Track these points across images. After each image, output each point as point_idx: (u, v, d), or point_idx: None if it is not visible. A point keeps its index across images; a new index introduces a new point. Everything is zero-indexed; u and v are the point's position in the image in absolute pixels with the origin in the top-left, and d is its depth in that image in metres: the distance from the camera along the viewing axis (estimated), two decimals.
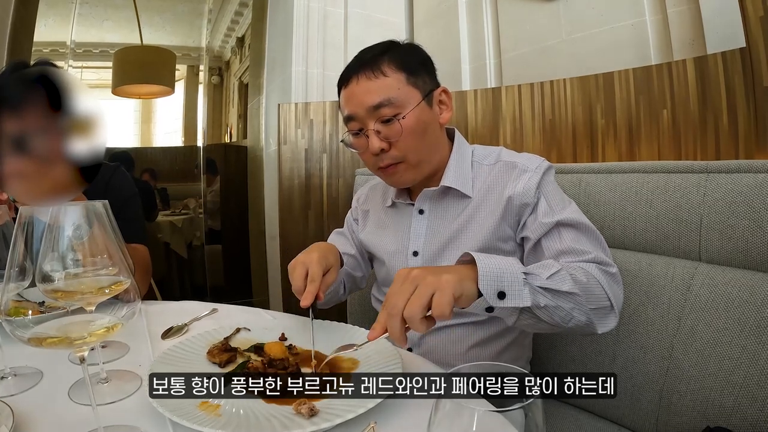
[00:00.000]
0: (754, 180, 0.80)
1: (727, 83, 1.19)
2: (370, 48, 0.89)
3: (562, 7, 1.72)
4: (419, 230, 0.94)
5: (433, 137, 0.89)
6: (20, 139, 0.82)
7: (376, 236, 1.02)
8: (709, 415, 0.81)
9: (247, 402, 0.58)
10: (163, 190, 2.90)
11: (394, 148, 0.85)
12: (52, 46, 2.60)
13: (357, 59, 0.89)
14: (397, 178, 0.89)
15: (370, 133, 0.85)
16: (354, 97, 0.86)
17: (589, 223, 0.82)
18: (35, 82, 0.81)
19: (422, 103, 0.86)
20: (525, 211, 0.85)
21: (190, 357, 0.71)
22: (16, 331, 0.46)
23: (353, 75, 0.87)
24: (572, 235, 0.81)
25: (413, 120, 0.84)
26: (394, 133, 0.84)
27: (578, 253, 0.79)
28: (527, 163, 0.87)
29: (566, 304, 0.67)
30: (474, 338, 0.90)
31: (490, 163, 0.91)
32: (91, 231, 0.49)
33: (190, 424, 0.51)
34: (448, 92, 0.91)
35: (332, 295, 1.03)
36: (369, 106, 0.84)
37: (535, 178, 0.84)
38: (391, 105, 0.83)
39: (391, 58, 0.86)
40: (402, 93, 0.84)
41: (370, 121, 0.85)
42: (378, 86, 0.84)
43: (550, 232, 0.82)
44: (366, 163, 0.92)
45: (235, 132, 3.08)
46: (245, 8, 2.95)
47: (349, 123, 0.89)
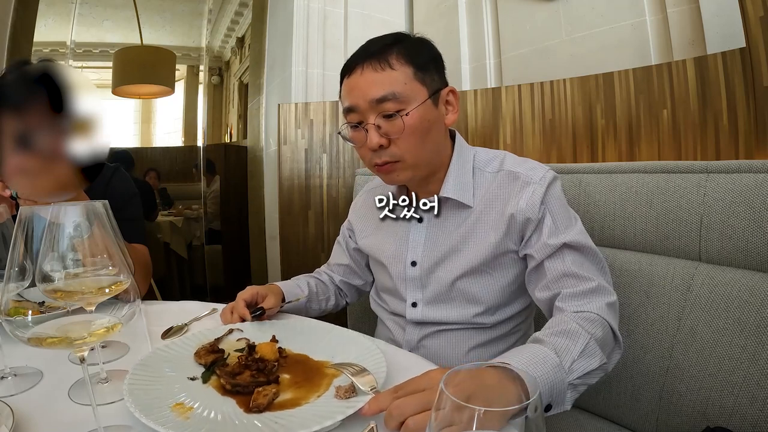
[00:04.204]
0: (754, 180, 0.80)
1: (727, 83, 1.18)
2: (379, 38, 0.85)
3: (562, 7, 1.72)
4: (418, 239, 0.91)
5: (435, 138, 0.85)
6: (23, 136, 0.82)
7: (374, 240, 1.00)
8: (709, 415, 0.81)
9: (224, 406, 0.58)
10: (163, 190, 2.90)
11: (394, 145, 0.82)
12: (52, 46, 2.60)
13: (363, 49, 0.84)
14: (394, 176, 0.85)
15: (370, 128, 0.81)
16: (357, 88, 0.82)
17: (593, 246, 0.81)
18: (38, 79, 0.82)
19: (428, 101, 0.82)
20: (528, 227, 0.82)
21: (176, 358, 0.70)
22: (16, 331, 0.46)
23: (358, 65, 0.82)
24: (576, 258, 0.79)
25: (417, 118, 0.80)
26: (396, 129, 0.80)
27: (581, 279, 0.77)
28: (531, 174, 0.83)
29: (596, 374, 0.67)
30: (475, 341, 0.90)
31: (492, 171, 0.87)
32: (91, 231, 0.49)
33: (148, 421, 0.52)
34: (455, 93, 0.87)
35: (323, 303, 1.08)
36: (372, 99, 0.80)
37: (539, 191, 0.81)
38: (395, 100, 0.79)
39: (399, 51, 0.81)
40: (408, 88, 0.80)
41: (371, 115, 0.81)
42: (383, 79, 0.80)
43: (554, 254, 0.80)
44: (362, 159, 0.88)
45: (235, 132, 3.08)
46: (245, 8, 2.95)
47: (349, 115, 0.84)
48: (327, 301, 1.08)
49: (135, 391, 0.58)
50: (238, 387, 0.61)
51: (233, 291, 0.93)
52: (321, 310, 1.08)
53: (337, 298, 1.11)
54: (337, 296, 1.11)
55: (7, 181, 0.85)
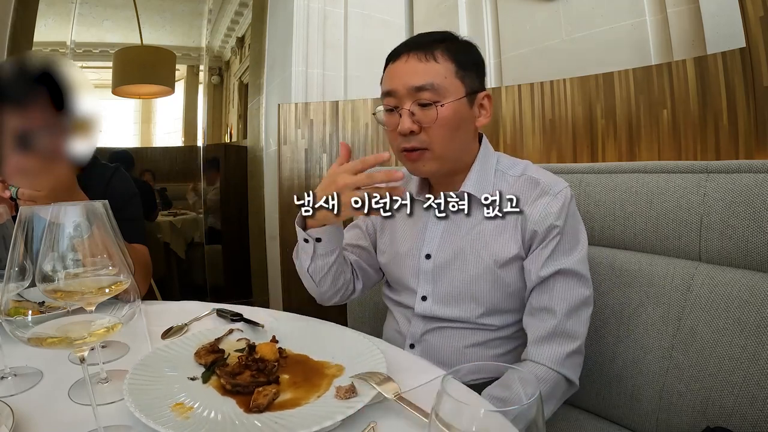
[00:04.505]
0: (754, 180, 0.80)
1: (727, 83, 1.18)
2: (429, 33, 0.88)
3: (562, 7, 1.71)
4: (434, 233, 0.92)
5: (464, 136, 0.87)
6: (24, 136, 0.82)
7: (390, 234, 1.00)
8: (709, 415, 0.81)
9: (224, 406, 0.58)
10: (163, 190, 2.90)
11: (424, 133, 0.83)
12: (52, 46, 2.60)
13: (413, 40, 0.88)
14: (420, 165, 0.86)
15: (404, 113, 0.83)
16: (398, 74, 0.85)
17: (586, 274, 0.84)
18: (40, 76, 0.82)
19: (464, 99, 0.84)
20: (535, 239, 0.84)
21: (176, 358, 0.70)
22: (16, 331, 0.46)
23: (404, 53, 0.85)
24: (561, 288, 0.83)
25: (450, 111, 0.83)
26: (429, 118, 0.82)
27: (551, 313, 0.82)
28: (551, 184, 0.85)
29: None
30: (474, 339, 0.91)
31: (515, 175, 0.89)
32: (91, 231, 0.49)
33: (148, 421, 0.52)
34: (491, 98, 0.90)
35: (342, 272, 0.94)
36: (411, 86, 0.82)
37: (555, 205, 0.82)
38: (433, 90, 0.82)
39: (446, 48, 0.84)
40: (447, 82, 0.83)
41: (408, 101, 0.83)
42: (426, 69, 0.83)
43: (543, 282, 0.83)
44: (391, 144, 0.90)
45: (235, 132, 3.08)
46: (245, 8, 2.95)
47: (386, 98, 0.87)
48: (344, 273, 0.97)
49: (135, 391, 0.58)
50: (238, 387, 0.61)
51: (233, 291, 0.92)
52: (335, 281, 0.94)
53: (353, 276, 1.01)
54: (353, 274, 1.01)
55: (8, 181, 0.85)
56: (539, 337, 0.83)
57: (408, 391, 0.61)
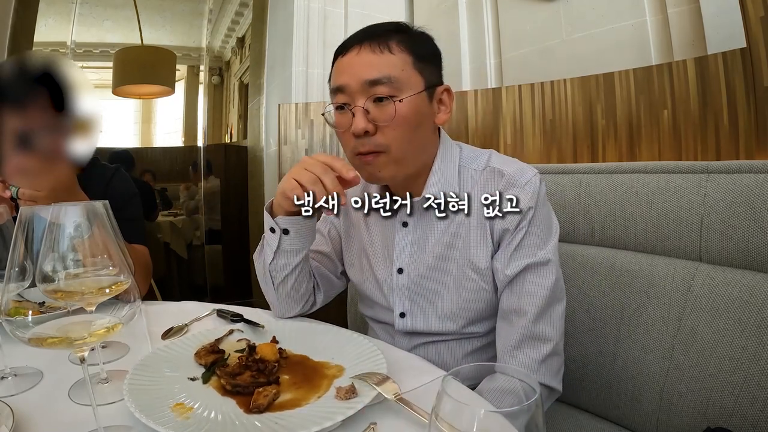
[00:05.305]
0: (755, 180, 0.80)
1: (727, 83, 1.19)
2: (381, 24, 0.80)
3: (562, 7, 1.71)
4: (404, 245, 0.85)
5: (424, 135, 0.80)
6: (24, 136, 0.82)
7: (358, 245, 0.93)
8: (710, 415, 0.81)
9: (224, 407, 0.58)
10: (163, 190, 2.90)
11: (380, 133, 0.75)
12: (52, 46, 2.60)
13: (364, 30, 0.79)
14: (375, 170, 0.78)
15: (357, 110, 0.75)
16: (350, 67, 0.76)
17: (556, 260, 0.79)
18: (40, 76, 0.82)
19: (423, 93, 0.77)
20: (505, 237, 0.78)
21: (176, 358, 0.70)
22: (17, 331, 0.46)
23: (355, 44, 0.77)
24: (532, 283, 0.77)
25: (409, 107, 0.75)
26: (386, 116, 0.74)
27: (521, 315, 0.77)
28: (517, 175, 0.78)
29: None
30: (468, 348, 0.88)
31: (478, 169, 0.82)
32: (91, 231, 0.49)
33: (148, 421, 0.52)
34: (451, 93, 0.82)
35: (303, 279, 0.87)
36: (365, 80, 0.74)
37: (523, 197, 0.76)
38: (389, 84, 0.74)
39: (401, 38, 0.77)
40: (405, 75, 0.75)
41: (361, 98, 0.75)
42: (381, 61, 0.75)
43: (513, 280, 0.78)
44: (344, 147, 0.81)
45: (235, 132, 3.08)
46: (245, 8, 2.95)
47: (336, 95, 0.78)
48: (306, 282, 0.89)
49: (135, 392, 0.58)
50: (239, 387, 0.61)
51: (233, 291, 0.92)
52: (296, 287, 0.87)
53: (314, 287, 0.93)
54: (314, 284, 0.93)
55: (9, 181, 0.85)
56: (510, 344, 0.78)
57: (408, 392, 0.61)
